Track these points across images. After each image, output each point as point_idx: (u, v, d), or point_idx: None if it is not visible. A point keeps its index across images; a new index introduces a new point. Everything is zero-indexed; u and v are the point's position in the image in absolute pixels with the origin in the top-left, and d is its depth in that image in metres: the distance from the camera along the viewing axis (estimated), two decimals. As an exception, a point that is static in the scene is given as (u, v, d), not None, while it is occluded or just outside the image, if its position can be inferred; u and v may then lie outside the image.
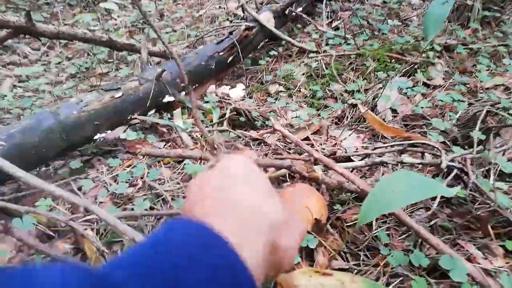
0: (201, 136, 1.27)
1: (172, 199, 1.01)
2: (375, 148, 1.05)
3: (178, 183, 1.07)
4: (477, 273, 0.68)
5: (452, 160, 0.92)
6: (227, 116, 1.30)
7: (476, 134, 0.99)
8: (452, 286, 0.71)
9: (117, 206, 1.01)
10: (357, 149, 1.21)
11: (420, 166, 1.01)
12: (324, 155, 1.04)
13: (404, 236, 0.86)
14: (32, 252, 0.91)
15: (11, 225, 0.80)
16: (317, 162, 0.94)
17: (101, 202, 1.04)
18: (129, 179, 1.10)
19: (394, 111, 1.35)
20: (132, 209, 0.97)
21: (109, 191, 1.05)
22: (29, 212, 0.91)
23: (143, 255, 0.33)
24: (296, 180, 0.99)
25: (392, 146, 1.04)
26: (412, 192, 0.61)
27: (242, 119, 1.32)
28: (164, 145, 1.29)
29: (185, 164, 1.13)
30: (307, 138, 1.26)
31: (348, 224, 0.92)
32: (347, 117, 1.39)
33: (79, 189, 1.08)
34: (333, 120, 1.40)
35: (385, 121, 1.31)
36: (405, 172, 0.68)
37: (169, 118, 1.33)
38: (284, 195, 0.81)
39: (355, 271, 0.77)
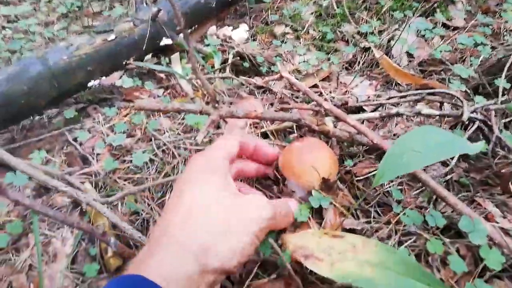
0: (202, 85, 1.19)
1: (173, 151, 0.96)
2: (390, 98, 0.98)
3: (179, 134, 1.01)
4: (496, 234, 0.64)
5: (473, 111, 0.84)
6: (229, 61, 1.21)
7: (502, 83, 0.90)
8: (468, 246, 0.67)
9: (116, 158, 0.96)
10: (369, 97, 1.13)
11: (437, 117, 0.94)
12: (335, 104, 0.97)
13: (417, 192, 0.81)
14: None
15: (4, 184, 0.76)
16: (327, 114, 0.88)
17: (98, 154, 0.99)
18: (127, 129, 1.04)
19: (410, 55, 1.25)
20: (131, 161, 0.93)
21: (106, 142, 0.99)
22: (23, 170, 0.86)
23: None
24: (304, 133, 0.93)
25: (407, 95, 0.96)
26: (433, 150, 0.55)
27: (246, 64, 1.23)
28: (163, 93, 1.21)
29: (185, 114, 1.06)
30: (315, 86, 1.18)
31: (358, 178, 0.87)
32: (359, 62, 1.29)
33: (75, 140, 1.03)
34: (343, 65, 1.30)
35: (400, 67, 1.21)
36: (425, 128, 0.61)
37: (167, 63, 1.24)
38: (291, 150, 0.75)
39: (366, 230, 0.74)
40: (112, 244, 0.73)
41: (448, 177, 0.83)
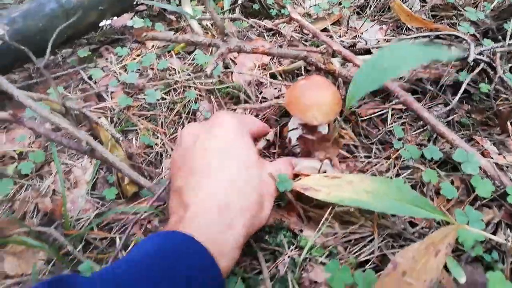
0: (212, 25, 1.20)
1: (183, 90, 0.99)
2: (399, 40, 0.98)
3: (189, 74, 1.04)
4: (489, 167, 0.68)
5: (480, 53, 0.85)
6: (239, 2, 1.21)
7: (510, 26, 0.90)
8: (462, 179, 0.71)
9: (129, 96, 1.00)
10: (378, 41, 1.13)
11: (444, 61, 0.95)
12: (343, 47, 0.98)
13: (419, 131, 0.85)
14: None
15: (22, 114, 0.80)
16: (335, 55, 0.89)
17: (112, 92, 1.03)
18: (138, 69, 1.07)
19: (422, 0, 1.24)
20: (144, 99, 0.97)
21: (119, 80, 1.03)
22: (42, 99, 0.91)
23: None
24: (311, 74, 0.95)
25: (417, 37, 0.96)
26: (404, 61, 0.56)
27: (256, 6, 1.23)
28: (173, 34, 1.22)
29: (195, 54, 1.08)
30: (325, 29, 1.18)
31: (362, 118, 0.91)
32: (370, 6, 1.28)
33: (90, 78, 1.06)
34: (354, 9, 1.29)
35: (412, 11, 1.20)
36: (397, 45, 0.61)
37: (177, 4, 1.24)
38: (298, 87, 0.78)
39: (365, 162, 0.78)
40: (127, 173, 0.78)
41: (450, 117, 0.86)
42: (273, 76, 1.01)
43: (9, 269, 0.67)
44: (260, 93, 0.97)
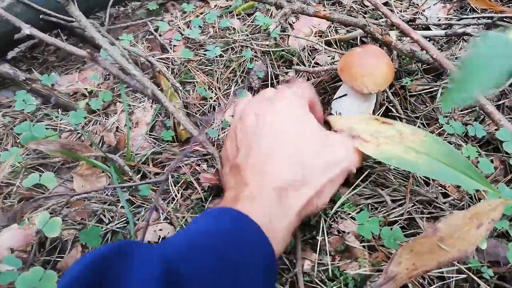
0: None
1: (240, 49, 1.04)
2: (461, 19, 0.97)
3: (247, 35, 1.09)
4: None
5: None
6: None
7: None
8: (502, 160, 0.72)
9: (190, 50, 1.06)
10: (439, 19, 1.12)
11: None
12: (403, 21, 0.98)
13: (467, 111, 0.85)
14: (115, 81, 1.03)
15: (97, 54, 0.89)
16: (392, 28, 0.90)
17: (175, 45, 1.10)
18: (200, 26, 1.13)
19: (493, -20, 1.19)
20: (205, 54, 1.03)
21: (183, 35, 1.10)
22: (113, 44, 1.00)
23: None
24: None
25: (479, 18, 0.95)
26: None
27: (320, -26, 1.24)
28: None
29: (255, 16, 1.13)
30: (386, 3, 1.18)
31: (411, 94, 0.92)
32: (437, -17, 1.25)
33: (155, 30, 1.14)
34: (419, -15, 1.27)
35: (479, -8, 1.17)
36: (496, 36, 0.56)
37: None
38: (352, 54, 0.80)
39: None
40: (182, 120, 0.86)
41: (501, 102, 0.86)
42: (328, 43, 1.04)
43: (77, 187, 0.77)
44: (313, 59, 1.01)
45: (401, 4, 1.20)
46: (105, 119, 0.94)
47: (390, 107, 0.88)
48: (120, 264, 0.40)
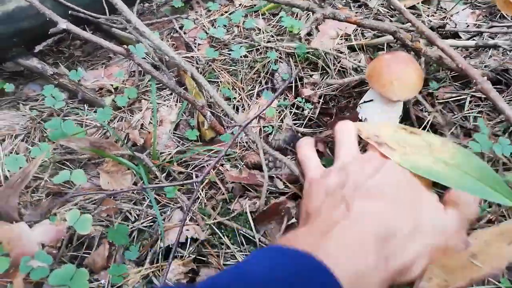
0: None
1: (265, 50, 1.04)
2: (491, 27, 0.95)
3: (272, 36, 1.08)
4: None
5: None
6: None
7: None
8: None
9: (215, 49, 1.06)
10: (468, 26, 1.10)
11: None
12: (431, 27, 0.97)
13: (496, 121, 0.84)
14: (140, 78, 1.03)
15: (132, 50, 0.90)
16: (420, 34, 0.89)
17: (199, 44, 1.10)
18: (225, 25, 1.13)
19: (525, -13, 1.17)
20: (229, 54, 1.03)
21: (207, 33, 1.10)
22: (139, 41, 1.00)
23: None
24: (394, 50, 0.96)
25: (509, 27, 0.93)
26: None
27: (347, -24, 1.22)
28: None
29: (281, 17, 1.12)
30: (413, 7, 1.16)
31: (439, 101, 0.91)
32: (465, -12, 1.23)
33: (180, 28, 1.14)
34: (447, -11, 1.25)
35: (510, -2, 1.14)
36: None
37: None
38: (381, 60, 0.80)
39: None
40: (208, 118, 0.86)
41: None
42: (353, 48, 1.03)
43: (103, 184, 0.78)
44: (339, 62, 1.00)
45: (428, 8, 1.19)
46: (130, 116, 0.95)
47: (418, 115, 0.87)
48: None
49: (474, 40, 0.89)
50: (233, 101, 0.97)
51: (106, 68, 1.07)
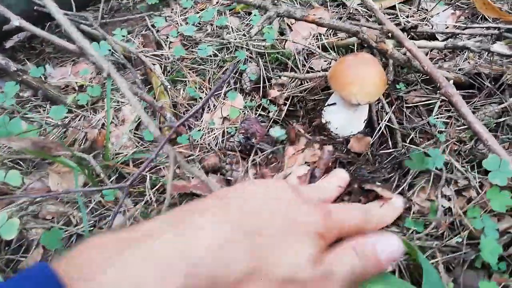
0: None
1: (235, 49, 1.01)
2: (466, 28, 0.92)
3: (244, 35, 1.06)
4: None
5: (553, 55, 0.78)
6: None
7: None
8: (491, 184, 0.68)
9: (185, 48, 1.04)
10: (447, 27, 1.06)
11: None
12: (403, 28, 0.93)
13: (464, 127, 0.81)
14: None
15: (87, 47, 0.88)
16: (391, 36, 0.86)
17: (171, 42, 1.08)
18: (199, 23, 1.11)
19: (510, -13, 1.12)
20: (196, 53, 1.01)
21: (179, 32, 1.07)
22: (106, 38, 0.98)
23: None
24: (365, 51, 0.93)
25: (487, 28, 0.89)
26: None
27: (326, -26, 1.19)
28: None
29: (254, 15, 1.09)
30: (393, 7, 1.13)
31: (408, 105, 0.88)
32: (450, -12, 1.19)
33: (153, 25, 1.12)
34: (431, -11, 1.21)
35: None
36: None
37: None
38: (343, 62, 0.77)
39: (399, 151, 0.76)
40: (168, 119, 0.84)
41: (501, 119, 0.81)
42: (326, 48, 1.00)
43: (52, 185, 0.76)
44: (309, 63, 0.97)
45: (409, 8, 1.15)
46: (93, 115, 0.93)
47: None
48: None
49: (444, 42, 0.86)
50: (199, 101, 0.94)
51: (75, 65, 1.06)
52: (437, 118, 0.84)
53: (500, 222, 0.62)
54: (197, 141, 0.86)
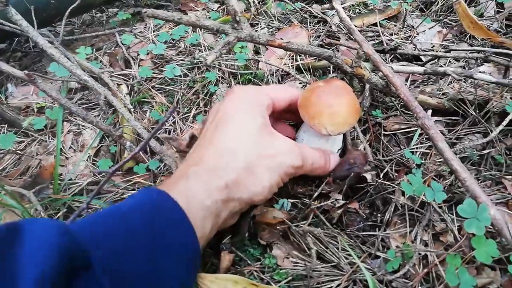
0: (258, 1, 1.14)
1: (207, 69, 0.96)
2: (450, 51, 0.86)
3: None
4: (501, 222, 0.55)
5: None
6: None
7: None
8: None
9: (155, 67, 0.99)
10: (433, 46, 1.00)
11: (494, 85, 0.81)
12: (383, 49, 0.88)
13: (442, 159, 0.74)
14: (69, 97, 0.96)
15: (37, 74, 0.82)
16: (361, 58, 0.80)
17: (142, 60, 1.03)
18: (173, 39, 1.05)
19: (500, 5, 1.07)
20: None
21: (148, 50, 1.02)
22: (67, 57, 0.92)
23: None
24: (341, 74, 0.87)
25: (472, 51, 0.83)
26: None
27: (307, -11, 1.14)
28: (217, 8, 1.18)
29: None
30: (375, 24, 1.07)
31: (386, 133, 0.81)
32: (437, 3, 1.13)
33: (122, 43, 1.06)
34: (418, 5, 1.15)
35: (482, 17, 1.04)
36: None
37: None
38: (313, 90, 0.70)
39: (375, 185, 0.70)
40: (127, 147, 0.78)
41: (486, 151, 0.74)
42: (300, 69, 0.94)
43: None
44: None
45: (395, 25, 1.09)
46: (51, 139, 0.87)
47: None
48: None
49: (424, 67, 0.79)
50: (165, 125, 0.89)
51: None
52: (417, 147, 0.78)
53: (479, 275, 0.56)
54: (159, 170, 0.80)
